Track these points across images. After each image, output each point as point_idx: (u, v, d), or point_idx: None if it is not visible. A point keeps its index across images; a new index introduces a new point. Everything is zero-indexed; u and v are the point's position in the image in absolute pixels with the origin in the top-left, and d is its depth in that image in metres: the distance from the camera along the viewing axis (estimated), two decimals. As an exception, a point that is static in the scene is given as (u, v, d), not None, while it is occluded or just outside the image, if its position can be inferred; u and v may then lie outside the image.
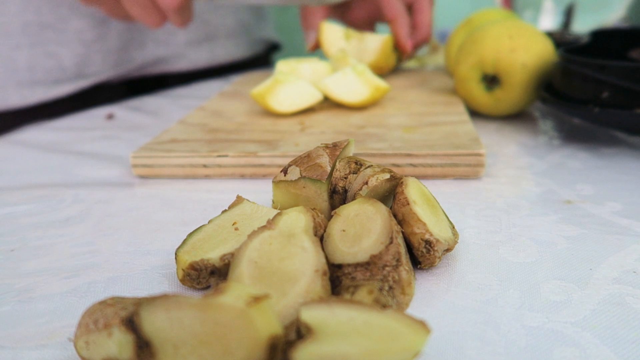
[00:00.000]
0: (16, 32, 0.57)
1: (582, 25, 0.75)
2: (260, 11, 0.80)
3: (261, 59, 0.82)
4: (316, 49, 0.58)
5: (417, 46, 0.60)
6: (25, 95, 0.59)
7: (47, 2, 0.57)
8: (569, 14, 0.75)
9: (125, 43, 0.64)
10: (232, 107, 0.50)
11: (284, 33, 1.04)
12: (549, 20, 0.77)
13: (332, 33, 0.54)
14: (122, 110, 0.57)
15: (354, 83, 0.45)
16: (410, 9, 0.60)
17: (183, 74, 0.71)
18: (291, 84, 0.44)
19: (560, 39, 0.59)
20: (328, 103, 0.48)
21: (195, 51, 0.70)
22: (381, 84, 0.45)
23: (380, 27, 0.66)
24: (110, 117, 0.55)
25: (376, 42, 0.54)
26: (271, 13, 0.87)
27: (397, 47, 0.58)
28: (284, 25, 1.09)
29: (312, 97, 0.45)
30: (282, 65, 0.49)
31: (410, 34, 0.58)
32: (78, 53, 0.60)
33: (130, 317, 0.18)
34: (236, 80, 0.63)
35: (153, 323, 0.17)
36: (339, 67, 0.50)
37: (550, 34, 0.62)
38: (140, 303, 0.17)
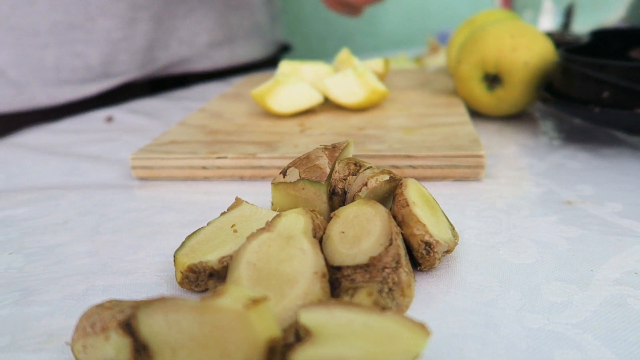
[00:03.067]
0: (44, 32, 0.57)
1: (582, 26, 0.74)
2: (273, 13, 0.81)
3: (274, 60, 0.83)
4: None
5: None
6: (53, 95, 0.60)
7: (76, 2, 0.58)
8: (568, 14, 0.75)
9: (151, 43, 0.64)
10: (233, 108, 0.50)
11: (296, 36, 1.04)
12: (549, 21, 0.76)
13: None
14: (121, 113, 0.57)
15: (352, 84, 0.45)
16: None
17: (204, 74, 0.72)
18: (291, 85, 0.44)
19: (560, 39, 0.59)
20: (328, 104, 0.48)
21: (216, 51, 0.71)
22: (379, 87, 0.45)
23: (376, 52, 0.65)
24: (109, 119, 0.55)
25: None
26: (282, 15, 0.87)
27: None
28: (296, 28, 1.09)
29: (311, 99, 0.45)
30: (285, 66, 0.49)
31: None
32: (105, 52, 0.61)
33: (127, 320, 0.18)
34: (237, 82, 0.63)
35: (150, 326, 0.17)
36: (341, 68, 0.50)
37: (550, 34, 0.62)
38: (137, 306, 0.17)
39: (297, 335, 0.19)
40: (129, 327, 0.17)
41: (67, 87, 0.60)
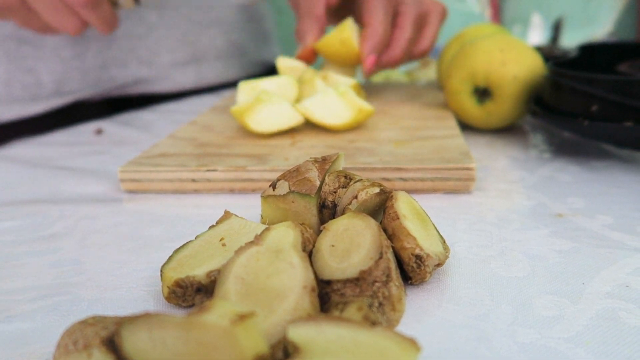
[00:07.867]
0: None
1: (570, 40, 0.75)
2: (260, 33, 0.79)
3: None
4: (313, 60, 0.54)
5: (383, 65, 0.53)
6: (1, 112, 0.58)
7: None
8: (556, 29, 0.76)
9: (106, 62, 0.63)
10: (223, 121, 0.49)
11: (290, 55, 1.04)
12: (538, 35, 0.77)
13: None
14: (111, 125, 0.56)
15: (336, 105, 0.42)
16: (420, 22, 0.53)
17: (168, 95, 0.70)
18: (271, 104, 0.42)
19: (549, 54, 0.60)
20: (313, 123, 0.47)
21: (180, 72, 0.69)
22: (365, 105, 0.43)
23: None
24: (99, 132, 0.54)
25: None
26: (274, 35, 0.85)
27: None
28: (290, 48, 1.09)
29: (292, 119, 0.43)
30: (242, 91, 0.46)
31: (380, 50, 0.51)
32: (56, 70, 0.59)
33: (110, 337, 0.17)
34: (228, 95, 0.63)
35: (134, 343, 0.17)
36: (305, 86, 0.47)
37: (539, 49, 0.62)
38: (121, 322, 0.17)
39: (285, 351, 0.18)
40: (112, 344, 0.17)
41: (17, 105, 0.58)
